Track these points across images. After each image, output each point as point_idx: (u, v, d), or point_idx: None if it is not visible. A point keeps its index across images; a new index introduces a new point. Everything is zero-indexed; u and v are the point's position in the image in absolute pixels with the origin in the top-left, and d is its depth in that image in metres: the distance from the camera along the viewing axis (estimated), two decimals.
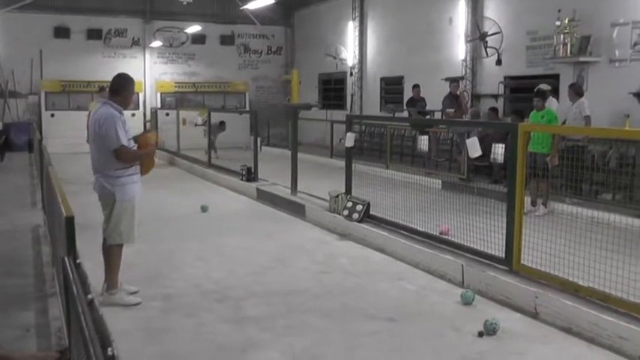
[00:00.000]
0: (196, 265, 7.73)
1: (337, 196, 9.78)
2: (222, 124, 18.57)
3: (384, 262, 8.03)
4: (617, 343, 5.21)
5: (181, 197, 12.62)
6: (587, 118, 11.45)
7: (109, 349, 2.61)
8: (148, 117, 24.05)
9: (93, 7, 23.63)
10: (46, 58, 23.17)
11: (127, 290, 6.41)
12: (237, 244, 8.83)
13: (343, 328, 5.75)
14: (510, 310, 6.19)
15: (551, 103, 12.45)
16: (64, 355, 3.35)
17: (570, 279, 6.05)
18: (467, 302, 6.34)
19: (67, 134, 20.60)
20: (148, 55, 24.99)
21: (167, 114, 21.68)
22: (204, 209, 10.99)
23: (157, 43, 24.76)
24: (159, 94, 24.80)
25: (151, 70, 25.01)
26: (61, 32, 23.53)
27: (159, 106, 24.00)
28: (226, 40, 25.91)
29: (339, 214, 9.56)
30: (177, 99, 24.70)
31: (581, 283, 5.94)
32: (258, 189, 12.55)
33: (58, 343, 4.96)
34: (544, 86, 12.60)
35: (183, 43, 25.38)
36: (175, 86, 25.00)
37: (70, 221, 3.94)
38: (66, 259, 3.72)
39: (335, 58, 22.72)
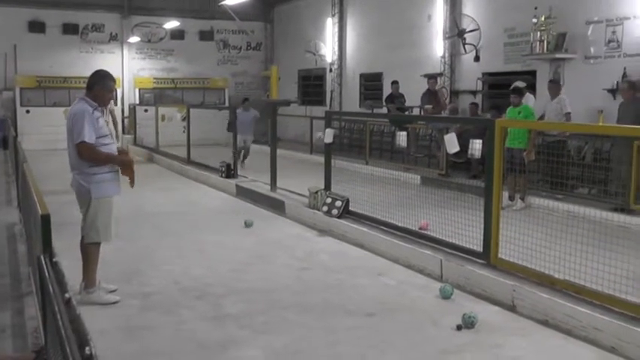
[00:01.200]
0: (175, 263, 7.71)
1: (317, 193, 9.80)
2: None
3: (363, 257, 8.06)
4: (592, 334, 5.29)
5: (160, 194, 12.58)
6: (568, 115, 11.60)
7: (87, 348, 2.60)
8: (127, 113, 23.93)
9: (69, 1, 23.42)
10: (21, 53, 22.86)
11: (105, 288, 6.38)
12: (217, 241, 8.82)
13: (323, 323, 5.77)
14: (488, 304, 6.25)
15: (528, 99, 12.57)
16: (40, 355, 3.34)
17: (547, 272, 6.14)
18: (445, 296, 6.39)
19: (43, 131, 20.45)
20: (126, 51, 24.77)
21: (146, 110, 21.59)
22: (248, 224, 9.70)
23: (135, 39, 24.57)
24: (137, 90, 24.63)
25: (129, 66, 24.82)
26: (36, 27, 23.19)
27: (137, 102, 23.85)
28: (205, 35, 25.81)
29: (319, 210, 9.58)
30: (156, 95, 24.56)
31: (557, 276, 6.02)
32: (237, 185, 12.54)
33: (34, 343, 4.94)
34: (519, 83, 12.71)
35: (161, 39, 25.24)
36: (154, 82, 24.86)
37: (45, 219, 3.91)
38: (42, 257, 3.69)
39: (314, 54, 22.73)
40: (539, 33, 13.61)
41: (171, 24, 24.21)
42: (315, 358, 5.02)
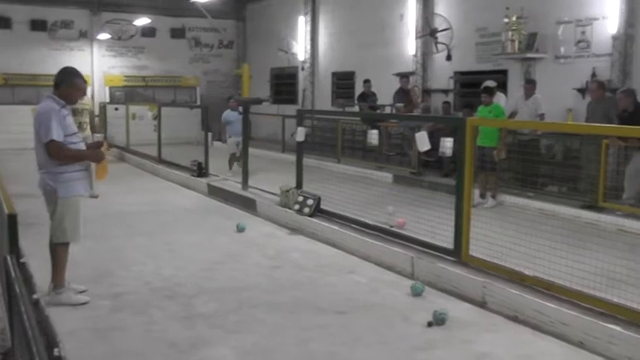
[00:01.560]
0: (146, 262, 7.64)
1: (288, 191, 9.79)
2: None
3: (334, 255, 8.06)
4: (560, 329, 5.36)
5: (131, 193, 12.48)
6: (542, 116, 11.75)
7: (56, 349, 2.57)
8: (97, 112, 23.66)
9: None
10: None
11: (74, 289, 6.30)
12: (188, 241, 8.77)
13: (294, 322, 5.76)
14: (459, 300, 6.29)
15: (499, 98, 12.68)
16: (7, 357, 3.29)
17: (517, 269, 6.19)
18: (416, 293, 6.42)
19: (10, 129, 20.10)
20: (95, 48, 24.46)
21: (116, 108, 21.37)
22: (240, 229, 9.30)
23: (105, 36, 24.26)
24: (107, 89, 24.33)
25: (100, 64, 24.50)
26: (2, 22, 22.71)
27: (108, 100, 23.56)
28: (177, 33, 25.59)
29: (290, 209, 9.56)
30: (127, 93, 24.32)
31: (527, 272, 6.08)
32: (209, 184, 12.48)
33: (1, 345, 4.87)
34: (490, 83, 12.82)
35: (132, 36, 24.99)
36: (125, 80, 24.61)
37: (12, 219, 3.87)
38: (8, 257, 3.65)
39: (287, 52, 22.72)
40: (510, 33, 13.74)
41: (142, 21, 24.00)
42: (286, 356, 5.01)
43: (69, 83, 6.16)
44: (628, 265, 5.81)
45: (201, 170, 13.25)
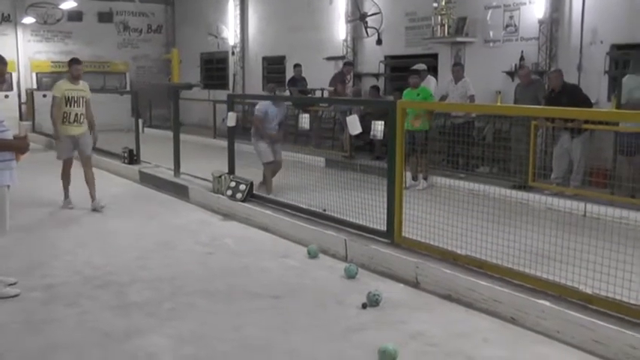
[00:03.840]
0: (77, 252, 7.47)
1: (220, 177, 9.70)
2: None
3: (268, 240, 8.03)
4: (493, 306, 5.46)
5: (59, 182, 12.14)
6: (472, 97, 11.94)
7: None
8: (24, 99, 23.01)
9: None
10: None
11: (4, 282, 6.10)
12: (120, 229, 8.62)
13: (229, 308, 5.72)
14: (393, 281, 6.34)
15: (430, 81, 12.82)
16: None
17: (449, 248, 6.28)
18: (350, 276, 6.44)
19: None
20: (20, 33, 23.61)
21: (44, 95, 20.76)
22: (312, 253, 7.33)
23: (29, 20, 23.44)
24: (34, 74, 23.59)
25: (25, 49, 23.70)
26: None
27: (35, 86, 22.91)
28: (104, 17, 24.94)
29: (223, 195, 9.49)
30: (55, 79, 23.60)
31: (459, 252, 6.16)
32: (140, 171, 12.29)
33: None
34: (420, 66, 12.94)
35: (58, 20, 24.24)
36: (52, 66, 23.85)
37: None
38: None
39: (216, 37, 22.48)
40: (439, 17, 13.88)
41: (68, 4, 23.17)
42: (222, 342, 4.97)
43: None
44: (556, 242, 5.94)
45: (132, 157, 13.02)
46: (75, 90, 9.66)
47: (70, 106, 9.60)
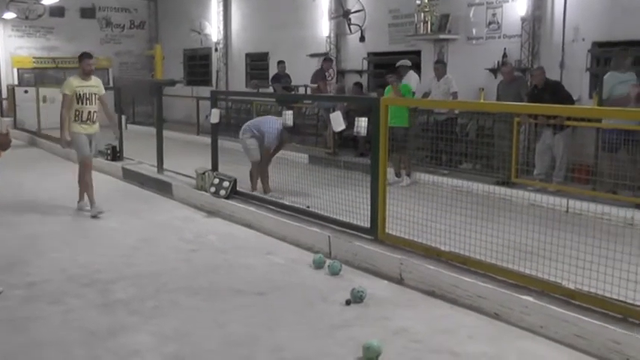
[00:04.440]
0: (61, 250, 7.43)
1: (204, 174, 9.67)
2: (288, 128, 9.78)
3: (252, 237, 8.02)
4: (477, 302, 5.48)
5: (43, 179, 12.12)
6: (455, 94, 11.98)
7: None
8: (5, 95, 22.82)
9: None
10: None
11: None
12: (104, 226, 8.57)
13: (213, 305, 5.71)
14: (377, 278, 6.35)
15: (411, 77, 12.84)
16: None
17: (433, 245, 6.29)
18: (334, 272, 6.44)
19: None
20: (0, 28, 23.46)
21: (26, 91, 20.64)
22: (317, 262, 6.77)
23: (10, 15, 23.19)
24: (16, 70, 23.44)
25: (6, 45, 23.52)
26: None
27: (16, 82, 22.74)
28: (87, 13, 24.77)
29: (206, 192, 9.46)
30: (37, 75, 23.46)
31: (443, 248, 6.18)
32: (124, 168, 12.23)
33: None
34: (404, 62, 12.96)
35: (40, 16, 24.01)
36: (34, 62, 23.71)
37: None
38: None
39: (199, 33, 22.39)
40: (422, 14, 13.92)
41: (50, 0, 23.16)
42: (206, 340, 4.96)
43: None
44: (539, 238, 5.97)
45: (115, 154, 12.96)
46: (87, 86, 9.10)
47: (82, 103, 9.04)
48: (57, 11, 24.14)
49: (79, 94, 9.01)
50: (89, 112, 9.12)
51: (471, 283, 5.57)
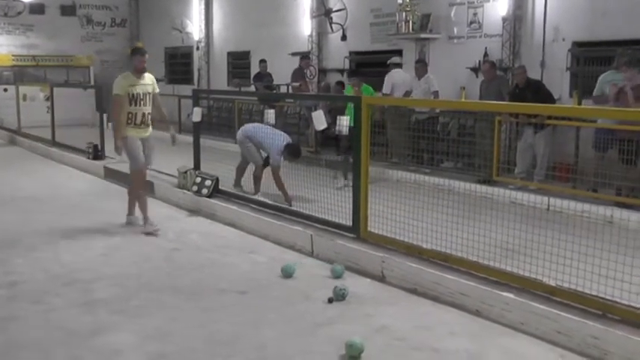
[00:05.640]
0: (43, 249, 7.38)
1: (186, 172, 9.66)
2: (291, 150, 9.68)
3: (234, 236, 8.02)
4: (459, 299, 5.52)
5: (24, 178, 12.04)
6: (436, 93, 12.03)
7: None
8: None
9: None
10: None
11: None
12: (86, 225, 8.51)
13: (196, 304, 5.71)
14: (359, 276, 6.37)
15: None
16: None
17: (415, 243, 6.32)
18: (337, 276, 6.32)
19: None
20: None
21: (5, 89, 20.50)
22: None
23: None
24: None
25: None
26: None
27: None
28: (67, 10, 24.51)
29: (189, 190, 9.45)
30: (16, 73, 23.22)
31: (425, 246, 6.21)
32: (105, 167, 12.17)
33: None
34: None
35: (19, 13, 23.75)
36: (13, 59, 23.40)
37: None
38: None
39: (181, 31, 22.33)
40: (404, 14, 13.95)
41: None
42: (189, 339, 4.95)
43: None
44: (520, 235, 6.02)
45: (96, 152, 12.91)
46: (140, 85, 8.10)
47: (136, 104, 8.01)
48: (37, 8, 23.89)
49: (132, 95, 8.00)
50: (143, 114, 8.13)
51: (452, 280, 5.60)
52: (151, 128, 8.41)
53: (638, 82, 9.07)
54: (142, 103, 8.06)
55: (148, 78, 8.31)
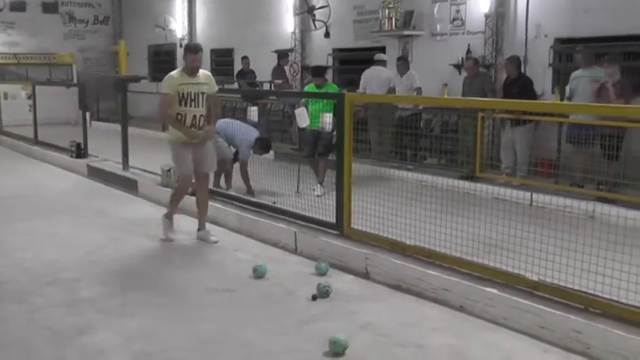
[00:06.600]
0: (26, 248, 7.34)
1: (169, 170, 9.62)
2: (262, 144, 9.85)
3: (218, 234, 7.96)
4: (442, 295, 5.56)
5: (6, 177, 11.97)
6: (419, 90, 12.06)
7: None
8: None
9: None
10: None
11: None
12: (69, 224, 8.48)
13: (181, 302, 5.70)
14: (343, 273, 6.39)
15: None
16: None
17: (398, 239, 6.35)
18: (321, 274, 6.33)
19: None
20: None
21: None
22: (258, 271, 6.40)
23: None
24: None
25: None
26: None
27: None
28: (49, 7, 24.31)
29: (172, 188, 9.40)
30: None
31: (408, 242, 6.24)
32: (88, 165, 12.11)
33: None
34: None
35: (0, 10, 23.72)
36: None
37: None
38: None
39: (164, 29, 22.24)
40: (387, 11, 14.00)
41: None
42: (174, 337, 4.95)
43: None
44: (503, 231, 6.06)
45: (80, 151, 12.85)
46: (192, 84, 7.31)
47: (186, 105, 7.26)
48: (18, 5, 23.70)
49: (183, 94, 7.26)
50: (194, 117, 7.34)
51: (435, 276, 5.64)
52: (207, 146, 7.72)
53: (619, 79, 9.16)
54: (193, 103, 7.30)
55: (204, 77, 7.51)
